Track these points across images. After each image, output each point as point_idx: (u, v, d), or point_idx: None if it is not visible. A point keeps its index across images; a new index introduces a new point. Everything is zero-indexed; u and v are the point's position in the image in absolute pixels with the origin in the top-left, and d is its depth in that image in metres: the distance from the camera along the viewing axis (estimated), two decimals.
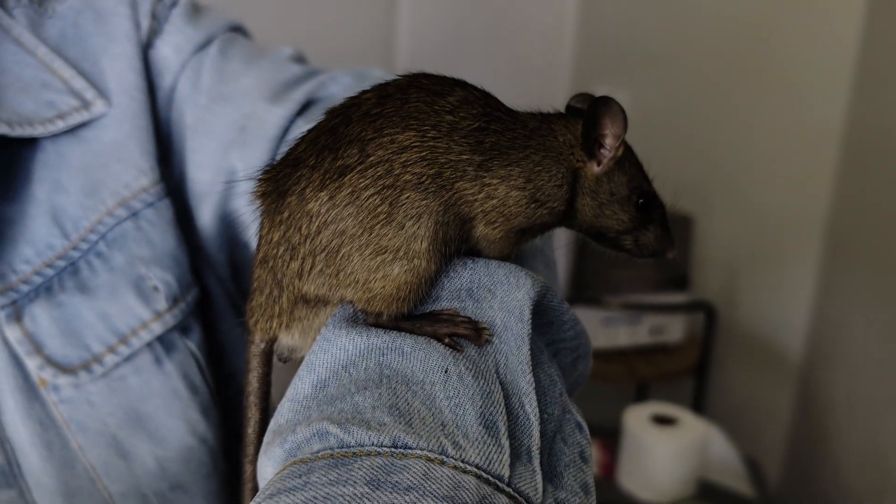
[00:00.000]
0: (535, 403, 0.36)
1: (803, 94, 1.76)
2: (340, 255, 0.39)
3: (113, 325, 0.54)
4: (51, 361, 0.52)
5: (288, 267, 0.40)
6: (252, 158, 0.59)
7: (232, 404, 0.64)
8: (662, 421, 1.36)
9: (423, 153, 0.39)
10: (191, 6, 0.64)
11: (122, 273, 0.55)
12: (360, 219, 0.38)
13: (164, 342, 0.56)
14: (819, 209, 1.76)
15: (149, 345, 0.55)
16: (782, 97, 1.80)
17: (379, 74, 0.65)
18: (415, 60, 2.08)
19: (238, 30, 0.67)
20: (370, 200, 0.38)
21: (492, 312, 0.39)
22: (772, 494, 1.84)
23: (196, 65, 0.62)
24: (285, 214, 0.39)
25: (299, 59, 0.67)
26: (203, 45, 0.63)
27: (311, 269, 0.39)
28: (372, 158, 0.38)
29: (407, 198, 0.38)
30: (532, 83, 2.30)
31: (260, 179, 0.41)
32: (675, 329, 1.81)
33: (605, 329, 1.76)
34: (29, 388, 0.52)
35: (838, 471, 1.72)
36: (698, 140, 1.99)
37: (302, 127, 0.59)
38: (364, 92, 0.41)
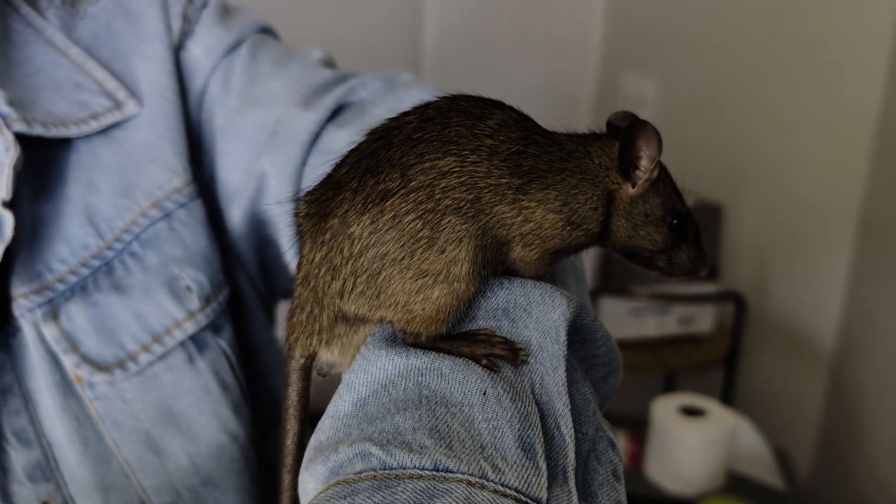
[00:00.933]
0: (570, 424, 0.37)
1: (837, 80, 1.73)
2: (381, 277, 0.39)
3: (147, 325, 0.55)
4: (87, 359, 0.53)
5: (329, 287, 0.41)
6: (282, 163, 0.60)
7: (261, 401, 0.65)
8: (691, 412, 1.35)
9: (463, 178, 0.39)
10: (221, 7, 0.64)
11: (155, 273, 0.56)
12: (402, 243, 0.39)
13: (196, 341, 0.57)
14: (852, 197, 1.73)
15: (182, 344, 0.57)
16: (815, 83, 1.76)
17: (408, 79, 0.65)
18: (442, 52, 2.08)
19: (267, 31, 0.68)
20: (412, 225, 0.39)
21: (528, 332, 0.40)
22: (802, 487, 1.83)
23: (226, 67, 0.62)
24: (327, 236, 0.40)
25: (328, 62, 0.68)
26: (233, 47, 0.63)
27: (352, 289, 0.40)
28: (413, 184, 0.39)
29: (448, 222, 0.39)
30: (561, 70, 2.29)
31: (304, 201, 0.42)
32: (704, 319, 1.80)
33: (633, 319, 1.76)
34: (65, 385, 0.53)
35: (871, 463, 1.70)
36: (728, 127, 1.97)
37: (332, 132, 0.60)
38: (406, 114, 0.42)
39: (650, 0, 2.15)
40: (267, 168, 0.60)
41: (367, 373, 0.38)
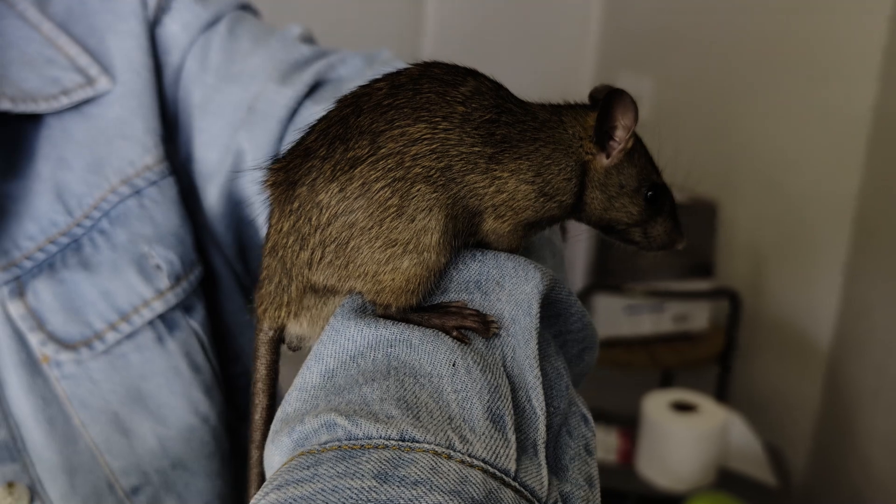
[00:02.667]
0: (541, 397, 0.36)
1: (832, 78, 1.72)
2: (350, 246, 0.39)
3: (114, 303, 0.55)
4: (53, 337, 0.53)
5: (297, 257, 0.40)
6: (260, 139, 0.59)
7: (237, 384, 0.65)
8: (682, 408, 1.34)
9: (434, 146, 0.38)
10: None
11: (124, 250, 0.56)
12: (371, 211, 0.38)
13: (166, 320, 0.57)
14: (848, 194, 1.72)
15: (150, 323, 0.56)
16: (810, 81, 1.76)
17: (388, 56, 0.65)
18: (442, 51, 2.08)
19: (247, 8, 0.67)
20: (381, 193, 0.38)
21: (500, 305, 0.39)
22: (796, 484, 1.82)
23: (204, 43, 0.62)
24: (295, 205, 0.39)
25: (308, 38, 0.67)
26: (211, 23, 0.62)
27: (320, 259, 0.39)
28: (383, 150, 0.38)
29: (418, 190, 0.38)
30: (558, 70, 2.29)
31: (270, 169, 0.41)
32: (699, 317, 1.79)
33: (628, 317, 1.75)
34: (31, 364, 0.53)
35: (866, 461, 1.69)
36: (724, 125, 1.96)
37: (310, 108, 0.59)
38: (376, 81, 0.41)
39: (645, 2, 2.15)
40: (244, 145, 0.60)
41: (335, 343, 0.38)
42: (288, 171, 0.40)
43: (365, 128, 0.39)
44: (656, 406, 1.34)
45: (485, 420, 0.34)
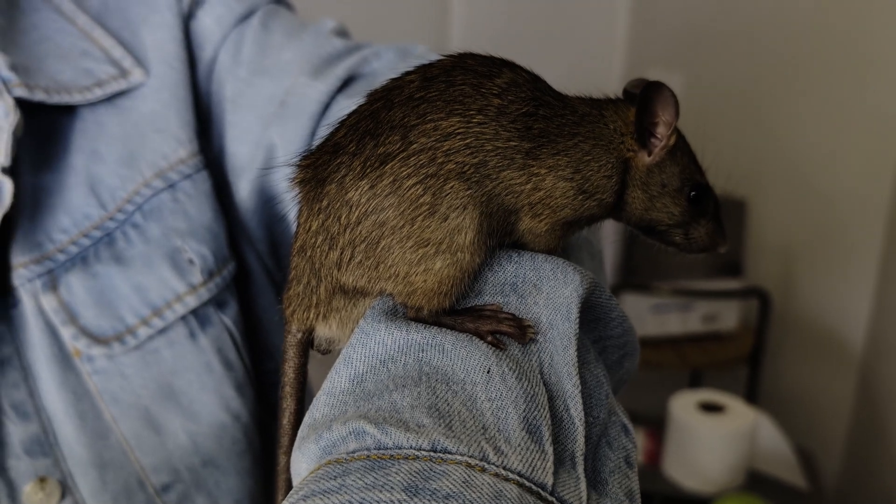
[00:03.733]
0: (580, 407, 0.35)
1: (865, 76, 1.69)
2: (381, 246, 0.37)
3: (147, 298, 0.55)
4: (85, 332, 0.53)
5: (326, 257, 0.39)
6: (291, 134, 0.59)
7: (269, 381, 0.64)
8: (710, 408, 1.33)
9: (468, 140, 0.37)
10: None
11: (157, 245, 0.56)
12: (402, 209, 0.37)
13: (198, 316, 0.57)
14: (881, 193, 1.69)
15: (183, 318, 0.56)
16: (842, 79, 1.73)
17: (423, 50, 0.64)
18: (468, 48, 2.07)
19: (281, 2, 0.67)
20: (412, 190, 0.36)
21: (537, 309, 0.38)
22: (827, 487, 1.79)
23: (237, 37, 0.62)
24: (324, 203, 0.38)
25: (342, 32, 0.66)
26: (245, 17, 0.62)
27: (350, 259, 0.38)
28: (415, 146, 0.37)
29: (451, 188, 0.37)
30: (586, 67, 2.27)
31: (298, 166, 0.40)
32: (728, 316, 1.77)
33: (655, 316, 1.73)
34: (64, 358, 0.53)
35: None
36: (753, 123, 1.94)
37: (342, 103, 0.58)
38: (407, 73, 0.40)
39: None
40: (275, 140, 0.59)
41: (365, 347, 0.37)
42: (317, 167, 0.39)
43: (396, 122, 0.37)
44: (684, 406, 1.33)
45: (521, 430, 0.33)
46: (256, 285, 0.65)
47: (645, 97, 0.39)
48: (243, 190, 0.62)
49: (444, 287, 0.38)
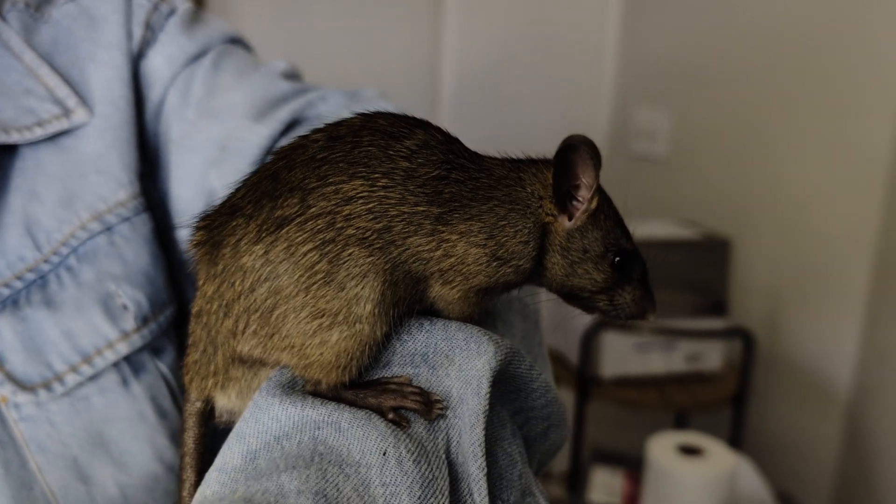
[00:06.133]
0: (484, 492, 0.34)
1: (850, 115, 1.69)
2: (275, 315, 0.36)
3: (77, 344, 0.53)
4: (11, 378, 0.51)
5: (222, 324, 0.37)
6: (231, 178, 0.57)
7: (216, 439, 0.63)
8: (689, 451, 1.30)
9: (371, 204, 0.35)
10: (189, 16, 0.62)
11: (90, 289, 0.54)
12: (297, 277, 0.35)
13: (132, 363, 0.55)
14: (867, 233, 1.68)
15: (115, 365, 0.54)
16: (828, 118, 1.73)
17: (371, 94, 0.63)
18: (459, 84, 2.09)
19: (237, 42, 0.66)
20: (308, 257, 0.35)
21: (448, 382, 0.36)
22: None
23: (188, 76, 0.61)
24: (220, 267, 0.37)
25: (292, 75, 0.65)
26: (197, 57, 0.61)
27: (245, 328, 0.36)
28: (313, 210, 0.35)
29: (349, 255, 0.35)
30: (574, 105, 2.28)
31: (196, 227, 0.39)
32: (712, 357, 1.75)
33: (638, 355, 1.71)
34: None
35: None
36: (740, 160, 1.93)
37: None
38: (315, 131, 0.38)
39: (662, 36, 2.14)
40: (215, 184, 0.58)
41: (258, 423, 0.35)
42: (212, 229, 0.38)
43: (295, 184, 0.36)
44: (662, 449, 1.31)
45: None
46: None
47: (562, 158, 0.38)
48: (187, 233, 0.61)
49: (342, 360, 0.36)
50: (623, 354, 1.68)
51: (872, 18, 1.64)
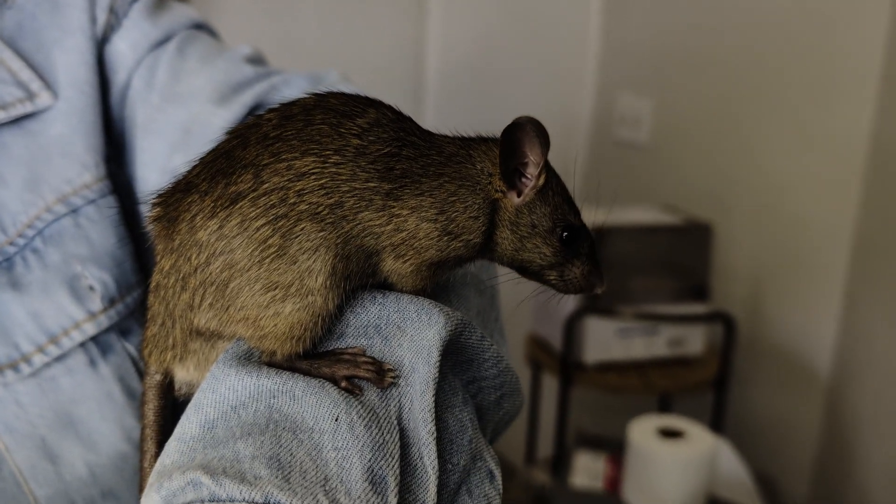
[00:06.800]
0: (434, 455, 0.35)
1: (829, 100, 1.70)
2: (230, 288, 0.37)
3: (43, 324, 0.53)
4: None
5: (179, 298, 0.38)
6: None
7: (176, 410, 0.63)
8: (669, 434, 1.31)
9: (323, 181, 0.36)
10: (154, 1, 0.63)
11: (56, 271, 0.55)
12: (250, 251, 0.36)
13: (99, 343, 0.55)
14: (846, 217, 1.69)
15: (82, 345, 0.55)
16: (808, 103, 1.74)
17: (335, 77, 0.64)
18: (443, 73, 2.09)
19: (202, 27, 0.66)
20: (261, 231, 0.36)
21: (401, 352, 0.37)
22: None
23: (152, 62, 0.61)
24: (176, 242, 0.38)
25: (256, 59, 0.66)
26: (161, 42, 0.62)
27: (201, 301, 0.38)
28: (266, 185, 0.36)
29: (302, 229, 0.36)
30: (558, 92, 2.29)
31: (152, 203, 0.40)
32: (694, 341, 1.76)
33: (620, 340, 1.72)
34: None
35: (865, 491, 1.65)
36: (721, 146, 1.95)
37: None
38: (268, 111, 0.39)
39: (645, 23, 2.14)
40: (180, 167, 0.59)
41: (215, 393, 0.36)
42: (168, 205, 0.39)
43: (249, 161, 0.37)
44: (642, 432, 1.32)
45: (363, 482, 0.32)
46: None
47: (509, 136, 0.39)
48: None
49: (296, 331, 0.37)
50: (606, 340, 1.69)
51: (852, 5, 1.65)
